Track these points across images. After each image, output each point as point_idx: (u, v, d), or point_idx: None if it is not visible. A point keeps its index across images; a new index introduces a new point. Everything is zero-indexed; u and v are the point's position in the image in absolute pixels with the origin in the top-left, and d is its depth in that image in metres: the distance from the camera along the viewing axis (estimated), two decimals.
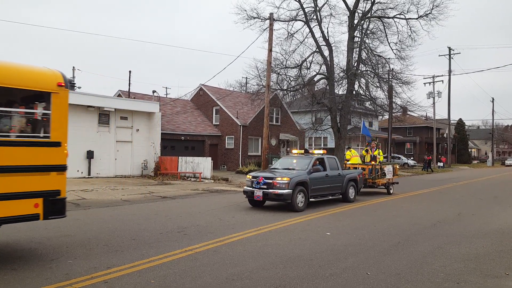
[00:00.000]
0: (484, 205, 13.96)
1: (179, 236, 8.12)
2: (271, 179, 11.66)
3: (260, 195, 11.64)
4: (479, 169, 49.38)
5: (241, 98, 37.40)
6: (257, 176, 12.10)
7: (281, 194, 11.30)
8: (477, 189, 20.49)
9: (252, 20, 28.61)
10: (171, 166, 24.55)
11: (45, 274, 5.54)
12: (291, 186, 11.36)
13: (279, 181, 11.48)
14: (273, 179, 11.61)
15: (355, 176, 14.55)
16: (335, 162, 14.00)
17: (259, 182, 11.82)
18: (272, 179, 11.65)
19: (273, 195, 11.46)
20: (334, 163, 13.91)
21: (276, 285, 5.26)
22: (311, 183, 12.17)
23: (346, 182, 13.89)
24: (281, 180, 11.48)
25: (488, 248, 7.50)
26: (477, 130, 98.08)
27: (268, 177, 11.80)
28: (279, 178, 11.55)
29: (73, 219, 9.99)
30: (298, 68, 29.78)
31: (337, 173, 13.67)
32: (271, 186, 11.52)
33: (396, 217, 11.00)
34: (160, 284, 5.22)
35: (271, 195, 11.50)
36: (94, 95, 22.86)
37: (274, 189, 11.45)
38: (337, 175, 13.66)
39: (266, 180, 11.72)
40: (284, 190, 11.31)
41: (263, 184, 11.71)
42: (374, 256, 6.77)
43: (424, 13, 29.08)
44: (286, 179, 11.46)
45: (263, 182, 11.73)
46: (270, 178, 11.72)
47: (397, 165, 19.82)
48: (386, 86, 30.37)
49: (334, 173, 13.50)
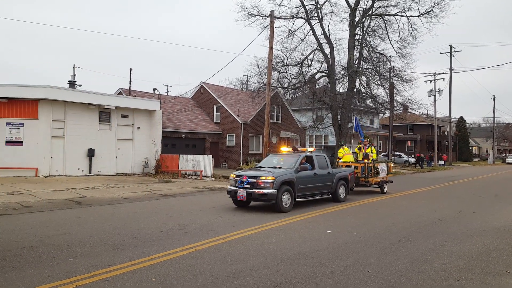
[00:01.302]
0: (485, 203, 13.94)
1: (180, 234, 8.13)
2: (255, 178, 11.06)
3: (243, 195, 11.07)
4: (480, 167, 49.32)
5: (242, 96, 37.38)
6: (241, 175, 11.50)
7: (265, 194, 10.73)
8: (478, 187, 20.47)
9: (253, 17, 28.61)
10: (172, 164, 24.57)
11: (46, 272, 5.55)
12: (276, 185, 10.82)
13: (263, 180, 10.88)
14: (257, 178, 11.00)
15: (345, 174, 14.02)
16: (325, 160, 13.44)
17: (242, 181, 11.24)
18: (256, 178, 11.05)
19: (257, 195, 10.88)
20: (324, 161, 13.37)
21: (277, 282, 5.26)
22: (298, 182, 11.66)
23: (336, 181, 13.34)
24: (265, 179, 10.89)
25: (489, 246, 7.49)
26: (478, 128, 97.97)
27: (252, 176, 11.18)
28: (263, 177, 10.94)
29: (74, 217, 10.03)
30: (299, 65, 29.75)
31: (326, 172, 13.13)
32: (255, 186, 10.95)
33: (396, 215, 10.99)
34: (161, 282, 5.23)
35: (254, 195, 10.92)
36: (95, 93, 22.84)
37: (258, 188, 10.88)
38: (327, 174, 13.11)
39: (250, 179, 11.12)
40: (269, 189, 10.74)
41: (247, 184, 11.12)
42: (374, 254, 6.77)
43: (426, 10, 29.06)
44: (271, 178, 10.89)
45: (246, 181, 11.15)
46: (254, 177, 11.10)
47: (391, 163, 19.26)
48: (387, 84, 30.35)
49: (323, 172, 12.97)
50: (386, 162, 18.54)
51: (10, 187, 15.64)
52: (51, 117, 20.83)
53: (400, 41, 30.07)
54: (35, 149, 20.34)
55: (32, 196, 13.55)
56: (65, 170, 21.24)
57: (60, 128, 21.20)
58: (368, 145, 17.73)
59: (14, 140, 20.37)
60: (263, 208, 11.79)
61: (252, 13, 28.46)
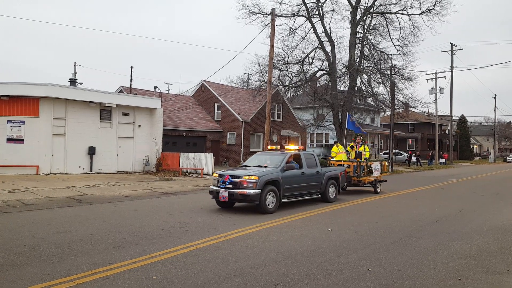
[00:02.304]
0: (486, 202, 13.93)
1: (181, 232, 8.14)
2: (238, 177, 10.47)
3: (225, 195, 10.47)
4: (481, 166, 49.26)
5: (242, 94, 37.35)
6: (223, 174, 10.88)
7: (248, 194, 10.16)
8: (479, 186, 20.44)
9: (254, 15, 28.58)
10: (173, 162, 24.58)
11: (47, 269, 5.55)
12: (260, 185, 10.26)
13: (246, 180, 10.31)
14: (240, 178, 10.42)
15: (336, 174, 13.49)
16: (314, 159, 12.91)
17: (224, 181, 10.60)
18: (239, 177, 10.46)
19: (239, 196, 10.30)
20: (312, 159, 12.84)
21: (278, 281, 5.26)
22: (284, 182, 11.13)
23: (325, 181, 12.81)
24: (248, 179, 10.31)
25: (490, 245, 7.48)
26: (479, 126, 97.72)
27: (235, 176, 10.59)
28: (246, 177, 10.36)
29: (74, 214, 10.03)
30: (300, 64, 29.71)
31: (315, 171, 12.58)
32: (238, 186, 10.38)
33: (397, 214, 10.98)
34: (161, 280, 5.23)
35: (237, 196, 10.34)
36: (95, 91, 22.83)
37: (241, 188, 10.31)
38: (315, 173, 12.55)
39: (233, 179, 10.52)
40: (251, 190, 10.18)
41: (229, 183, 10.53)
42: (375, 253, 6.77)
43: (427, 8, 29.01)
44: (254, 177, 10.31)
45: (229, 181, 10.54)
46: (236, 177, 10.52)
47: (385, 161, 18.65)
48: (388, 82, 30.30)
49: (311, 171, 12.42)
50: (380, 161, 17.96)
51: (11, 185, 15.66)
52: (52, 115, 20.84)
53: (401, 39, 30.06)
54: (36, 147, 20.35)
55: (33, 194, 13.57)
56: (66, 168, 21.26)
57: (61, 126, 21.21)
58: (361, 143, 17.16)
59: (15, 138, 20.38)
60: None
61: (253, 11, 28.45)
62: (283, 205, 11.77)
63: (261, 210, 10.43)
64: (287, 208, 11.39)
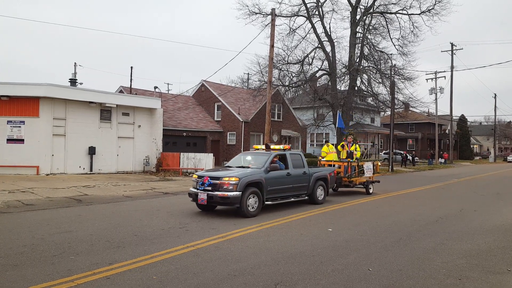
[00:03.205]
0: (486, 202, 13.93)
1: (181, 232, 8.14)
2: (218, 179, 9.91)
3: (204, 198, 9.87)
4: (481, 165, 49.26)
5: (243, 94, 37.36)
6: (203, 175, 10.31)
7: (228, 197, 9.59)
8: (479, 186, 20.44)
9: (254, 15, 28.60)
10: (173, 162, 24.58)
11: (47, 270, 5.56)
12: (240, 187, 9.69)
13: (226, 182, 9.76)
14: (220, 179, 9.87)
15: (324, 174, 12.92)
16: (301, 159, 12.35)
17: (203, 183, 10.04)
18: (218, 179, 9.90)
19: (218, 198, 9.71)
20: (299, 160, 12.28)
21: (278, 281, 5.26)
22: (268, 183, 10.56)
23: (313, 182, 12.24)
24: (228, 180, 9.75)
25: (490, 245, 7.48)
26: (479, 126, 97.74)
27: (214, 177, 10.01)
28: (226, 178, 9.81)
29: (75, 215, 10.04)
30: (300, 64, 29.72)
31: (302, 172, 12.01)
32: (217, 188, 9.83)
33: (397, 214, 10.98)
34: (162, 280, 5.23)
35: (216, 198, 9.74)
36: (95, 91, 22.82)
37: (220, 191, 9.74)
38: (302, 174, 11.99)
39: (212, 181, 9.93)
40: (231, 192, 9.62)
41: (208, 185, 9.95)
42: (375, 252, 6.77)
43: (427, 8, 29.03)
44: (234, 179, 9.75)
45: (208, 183, 9.96)
46: (216, 178, 9.95)
47: (378, 161, 18.03)
48: (388, 82, 30.31)
49: (298, 172, 11.85)
50: (372, 161, 17.36)
51: (11, 185, 15.66)
52: (52, 115, 20.83)
53: (401, 39, 30.08)
54: (36, 147, 20.34)
55: (33, 194, 13.57)
56: (66, 168, 21.25)
57: (61, 126, 21.21)
58: (352, 142, 16.43)
59: (15, 138, 20.38)
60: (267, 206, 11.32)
61: (253, 11, 28.47)
62: (283, 206, 11.78)
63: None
64: (287, 208, 11.39)
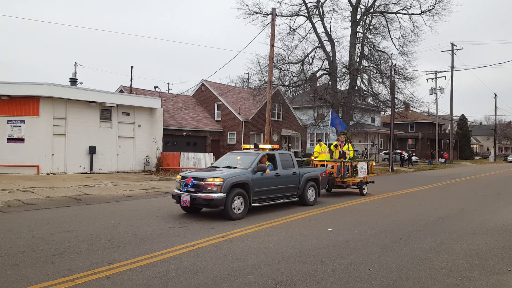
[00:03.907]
0: (487, 201, 13.93)
1: (181, 231, 8.14)
2: (201, 180, 9.49)
3: (187, 200, 9.44)
4: (481, 165, 49.26)
5: (243, 93, 37.37)
6: (186, 176, 9.87)
7: (212, 199, 9.16)
8: (479, 185, 20.44)
9: (254, 15, 28.57)
10: (173, 161, 24.59)
11: (47, 269, 5.56)
12: (225, 188, 9.28)
13: (210, 183, 9.34)
14: (203, 180, 9.45)
15: (315, 175, 12.51)
16: (290, 159, 11.97)
17: (187, 184, 9.62)
18: (202, 180, 9.48)
19: (201, 200, 9.27)
20: (289, 160, 11.90)
21: (278, 281, 5.26)
22: (255, 184, 10.16)
23: (303, 182, 11.88)
24: (212, 181, 9.34)
25: (491, 244, 7.48)
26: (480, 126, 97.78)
27: (198, 178, 9.59)
28: (210, 179, 9.39)
29: (75, 214, 10.04)
30: (300, 63, 29.71)
31: (291, 172, 11.65)
32: (201, 189, 9.41)
33: (397, 214, 10.98)
34: (162, 279, 5.23)
35: (199, 200, 9.30)
36: (96, 91, 22.82)
37: (204, 192, 9.32)
38: (292, 175, 11.63)
39: (195, 182, 9.52)
40: (215, 193, 9.20)
41: (191, 186, 9.53)
42: (376, 252, 6.77)
43: (427, 8, 28.99)
44: (219, 180, 9.33)
45: (191, 184, 9.54)
46: (200, 179, 9.53)
47: (372, 161, 17.56)
48: (388, 82, 30.30)
49: (287, 172, 11.49)
50: (366, 161, 16.90)
51: (12, 184, 15.66)
52: (52, 115, 20.83)
53: (402, 39, 30.04)
54: (37, 147, 20.34)
55: (33, 193, 13.57)
56: (66, 167, 21.25)
57: (61, 125, 21.21)
58: (345, 142, 16.05)
59: (15, 137, 20.38)
60: (262, 207, 11.24)
61: (253, 11, 28.44)
62: (283, 206, 11.77)
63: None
64: (287, 208, 11.40)
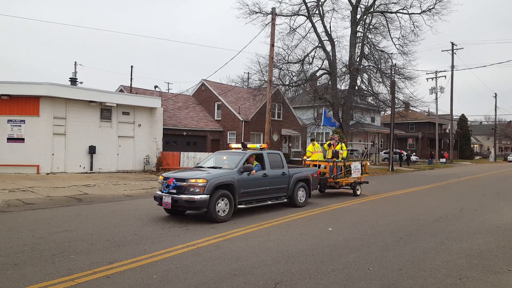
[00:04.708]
0: (487, 201, 13.93)
1: (181, 231, 8.14)
2: (184, 180, 9.07)
3: (168, 202, 9.03)
4: (481, 165, 49.25)
5: (243, 93, 37.35)
6: (168, 177, 9.47)
7: (194, 200, 8.77)
8: (480, 185, 20.44)
9: (254, 15, 28.58)
10: (173, 161, 24.59)
11: (47, 269, 5.56)
12: (208, 190, 8.88)
13: (192, 184, 8.93)
14: (186, 181, 9.03)
15: (306, 175, 12.13)
16: (280, 159, 11.53)
17: (168, 185, 9.21)
18: (184, 180, 9.06)
19: (183, 202, 8.88)
20: (278, 160, 11.48)
21: (278, 280, 5.26)
22: (241, 185, 9.76)
23: (293, 183, 11.50)
24: (195, 182, 8.92)
25: (491, 244, 7.48)
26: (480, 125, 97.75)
27: (180, 179, 9.17)
28: (193, 180, 8.97)
29: (75, 214, 10.04)
30: (300, 63, 29.71)
31: (280, 172, 11.24)
32: (183, 190, 9.00)
33: (397, 213, 10.98)
34: (162, 279, 5.23)
35: (181, 202, 8.90)
36: (96, 90, 22.81)
37: (186, 194, 8.92)
38: (281, 175, 11.23)
39: (178, 183, 9.10)
40: (198, 195, 8.80)
41: (173, 188, 9.12)
42: (376, 252, 6.77)
43: (427, 8, 29.00)
44: (202, 181, 8.92)
45: (173, 185, 9.13)
46: (182, 180, 9.11)
47: (367, 161, 17.08)
48: (388, 82, 30.30)
49: (276, 172, 11.07)
50: (360, 160, 16.40)
51: (12, 184, 15.66)
52: (52, 114, 20.82)
53: (402, 38, 30.06)
54: (37, 146, 20.34)
55: (33, 193, 13.57)
56: (67, 167, 21.25)
57: (62, 125, 21.20)
58: (338, 141, 15.65)
59: (15, 137, 20.37)
60: (262, 207, 11.17)
61: (253, 11, 28.45)
62: (283, 206, 11.75)
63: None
64: (287, 208, 11.40)
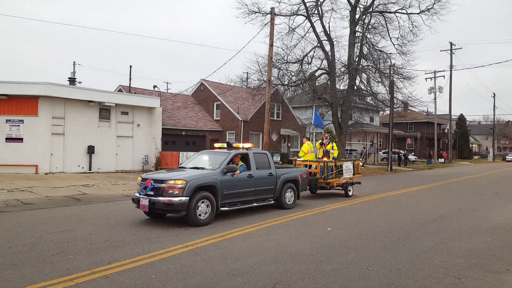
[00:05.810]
0: (485, 201, 13.95)
1: (180, 231, 8.13)
2: (162, 182, 8.62)
3: (145, 204, 8.61)
4: (480, 165, 49.34)
5: (242, 93, 37.35)
6: (147, 178, 9.03)
7: (172, 203, 8.29)
8: (478, 185, 20.48)
9: (253, 14, 28.53)
10: (172, 161, 24.57)
11: (46, 269, 5.55)
12: (188, 191, 8.42)
13: (170, 185, 8.45)
14: (164, 182, 8.58)
15: (294, 176, 11.71)
16: (266, 159, 11.11)
17: (146, 187, 8.76)
18: (163, 182, 8.61)
19: (161, 205, 8.41)
20: (265, 160, 11.05)
21: (277, 280, 5.26)
22: (224, 187, 9.33)
23: (281, 184, 11.07)
24: (173, 184, 8.45)
25: (489, 244, 7.49)
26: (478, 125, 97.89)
27: (158, 180, 8.72)
28: (172, 181, 8.50)
29: (74, 214, 10.03)
30: (299, 63, 29.70)
31: (267, 173, 10.81)
32: (161, 192, 8.54)
33: (396, 213, 10.99)
34: (161, 279, 5.23)
35: (159, 205, 8.44)
36: (94, 90, 22.79)
37: (164, 196, 8.46)
38: (267, 176, 10.80)
39: (156, 184, 8.65)
40: (177, 197, 8.33)
41: (151, 189, 8.66)
42: (374, 251, 6.77)
43: (426, 8, 29.00)
44: (181, 182, 8.45)
45: (150, 187, 8.67)
46: (160, 181, 8.65)
47: (359, 161, 16.57)
48: (387, 81, 30.30)
49: (262, 173, 10.64)
50: (352, 160, 15.98)
51: (10, 184, 15.63)
52: (51, 114, 20.79)
53: (401, 38, 30.05)
54: (35, 146, 20.31)
55: (32, 193, 13.55)
56: (65, 167, 21.22)
57: (60, 125, 21.17)
58: (329, 141, 15.26)
59: (14, 137, 20.34)
60: (263, 206, 11.17)
61: (252, 10, 28.41)
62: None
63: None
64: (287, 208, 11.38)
